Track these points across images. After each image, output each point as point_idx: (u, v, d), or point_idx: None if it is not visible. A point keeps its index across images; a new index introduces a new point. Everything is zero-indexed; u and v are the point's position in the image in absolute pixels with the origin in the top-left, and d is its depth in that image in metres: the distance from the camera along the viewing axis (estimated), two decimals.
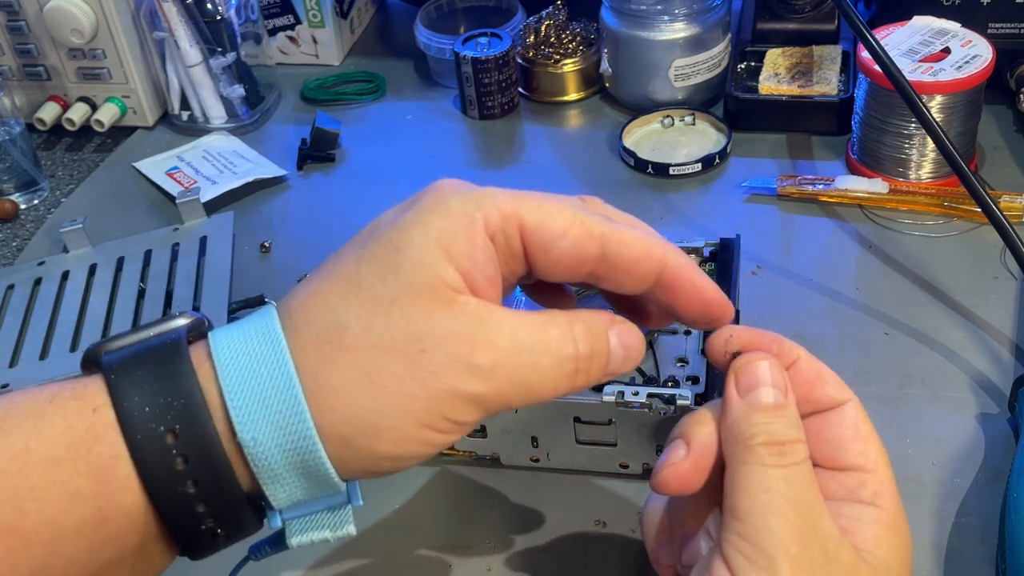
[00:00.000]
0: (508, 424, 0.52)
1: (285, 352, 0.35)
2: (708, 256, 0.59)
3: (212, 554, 0.37)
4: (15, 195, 0.82)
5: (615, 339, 0.38)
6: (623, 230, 0.38)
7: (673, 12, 0.78)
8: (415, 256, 0.35)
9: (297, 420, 0.34)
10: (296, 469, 0.35)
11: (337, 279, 0.36)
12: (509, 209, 0.36)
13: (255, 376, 0.34)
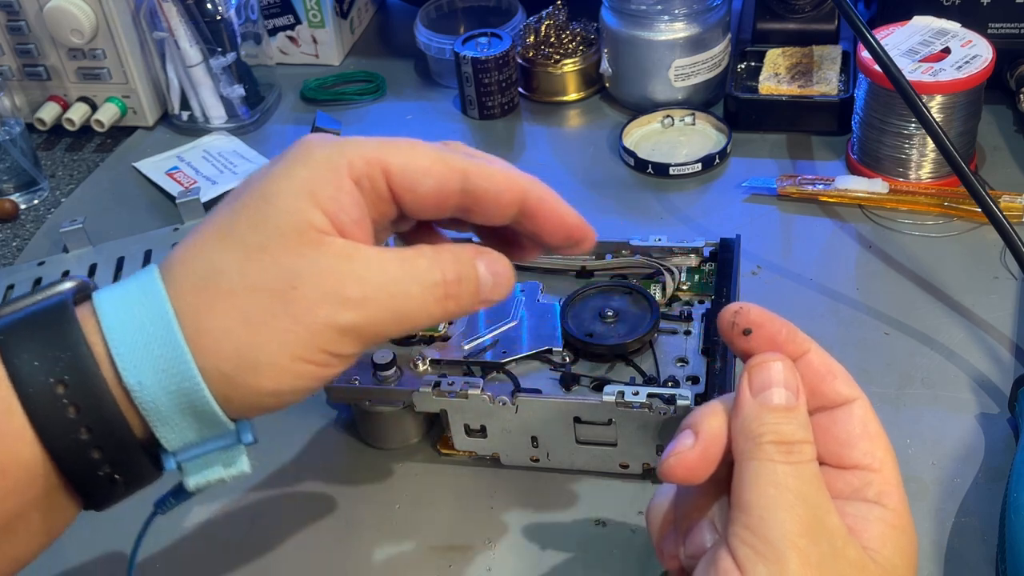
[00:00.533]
0: (508, 424, 0.52)
1: (164, 300, 0.36)
2: (708, 256, 0.59)
3: (114, 503, 0.38)
4: (15, 195, 0.82)
5: (483, 267, 0.40)
6: (484, 164, 0.40)
7: (673, 12, 0.78)
8: (282, 204, 0.37)
9: (179, 362, 0.36)
10: (183, 410, 0.36)
11: (212, 231, 0.38)
12: (372, 155, 0.39)
13: (137, 324, 0.36)
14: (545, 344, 0.54)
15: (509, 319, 0.56)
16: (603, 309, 0.55)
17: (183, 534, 0.54)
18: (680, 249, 0.59)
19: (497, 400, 0.51)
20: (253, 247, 0.37)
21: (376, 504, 0.54)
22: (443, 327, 0.56)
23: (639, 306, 0.55)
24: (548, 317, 0.56)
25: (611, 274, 0.59)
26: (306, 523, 0.54)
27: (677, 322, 0.56)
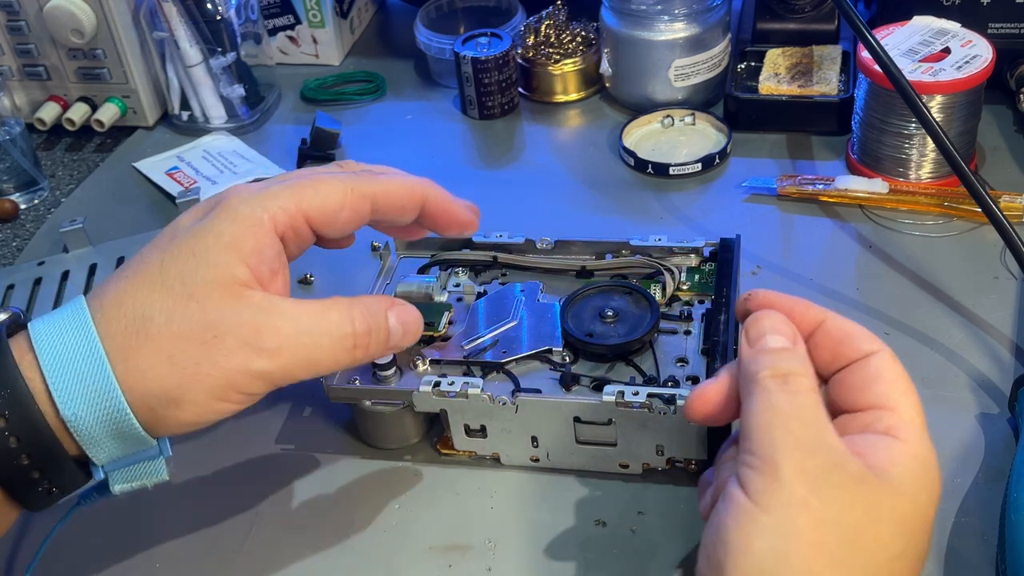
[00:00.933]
0: (508, 424, 0.52)
1: (97, 342, 0.41)
2: (708, 256, 0.59)
3: (50, 507, 0.44)
4: (15, 195, 0.82)
5: (393, 318, 0.46)
6: (386, 182, 0.47)
7: (673, 12, 0.78)
8: (210, 259, 0.42)
9: (111, 397, 0.41)
10: (113, 435, 0.42)
11: (143, 278, 0.43)
12: (292, 206, 0.44)
13: (72, 363, 0.41)
14: (545, 344, 0.54)
15: (509, 319, 0.56)
16: (603, 309, 0.55)
17: (183, 534, 0.54)
18: (680, 249, 0.59)
19: (497, 400, 0.51)
20: (181, 297, 0.42)
21: (376, 504, 0.54)
22: (443, 327, 0.56)
23: (639, 306, 0.55)
24: (548, 317, 0.56)
25: (611, 274, 0.59)
26: (306, 523, 0.54)
27: (677, 322, 0.56)
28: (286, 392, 0.60)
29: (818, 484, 0.35)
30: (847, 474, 0.36)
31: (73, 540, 0.54)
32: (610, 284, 0.57)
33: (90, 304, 0.43)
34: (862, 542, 0.35)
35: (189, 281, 0.42)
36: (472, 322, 0.57)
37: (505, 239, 0.61)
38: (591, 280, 0.59)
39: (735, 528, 0.36)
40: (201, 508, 0.55)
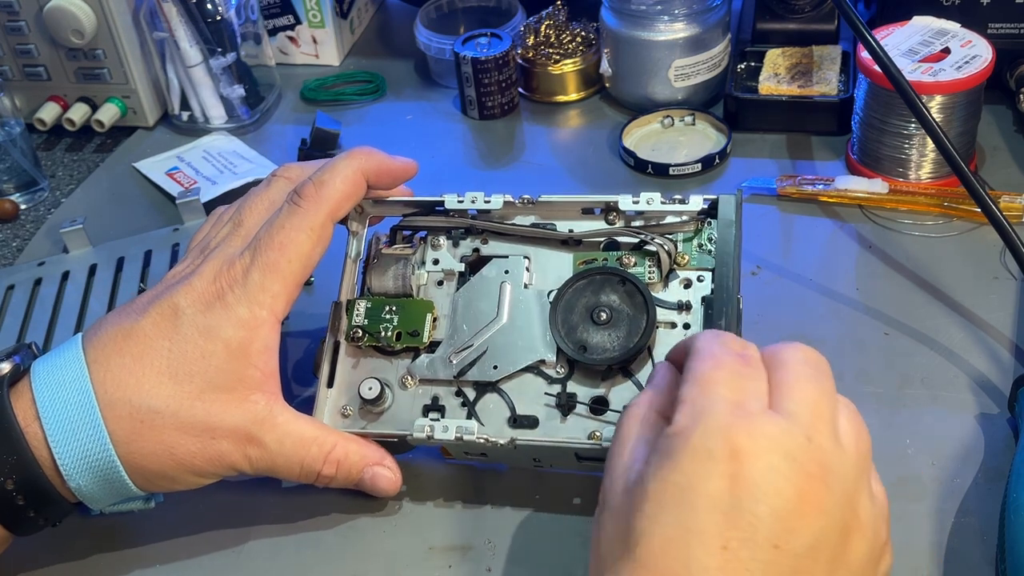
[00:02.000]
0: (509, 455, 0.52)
1: (102, 426, 0.46)
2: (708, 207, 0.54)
3: (40, 531, 0.49)
4: (15, 195, 0.82)
5: (368, 475, 0.52)
6: (332, 188, 0.51)
7: (673, 12, 0.78)
8: (218, 363, 0.48)
9: (114, 474, 0.47)
10: (111, 494, 0.49)
11: (150, 365, 0.48)
12: (283, 288, 0.49)
13: (80, 444, 0.46)
14: (537, 354, 0.52)
15: (496, 317, 0.53)
16: (595, 309, 0.52)
17: (183, 535, 0.54)
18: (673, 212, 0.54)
19: (494, 443, 0.50)
20: (188, 395, 0.48)
21: (376, 504, 0.54)
22: (427, 337, 0.54)
23: (633, 301, 0.52)
24: (537, 311, 0.53)
25: (601, 243, 0.55)
26: (306, 523, 0.54)
27: (675, 313, 0.52)
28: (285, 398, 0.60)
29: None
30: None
31: (73, 539, 0.54)
32: (601, 275, 0.53)
33: (92, 371, 0.47)
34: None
35: (198, 381, 0.48)
36: (458, 321, 0.54)
37: (480, 204, 0.55)
38: (580, 269, 0.54)
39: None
40: (201, 508, 0.55)
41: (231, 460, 0.49)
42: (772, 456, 0.37)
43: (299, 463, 0.50)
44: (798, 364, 0.41)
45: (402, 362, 0.54)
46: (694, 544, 0.36)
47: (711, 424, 0.38)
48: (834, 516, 0.38)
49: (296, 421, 0.50)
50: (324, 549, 0.53)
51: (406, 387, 0.53)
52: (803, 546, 0.36)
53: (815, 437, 0.38)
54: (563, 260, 0.55)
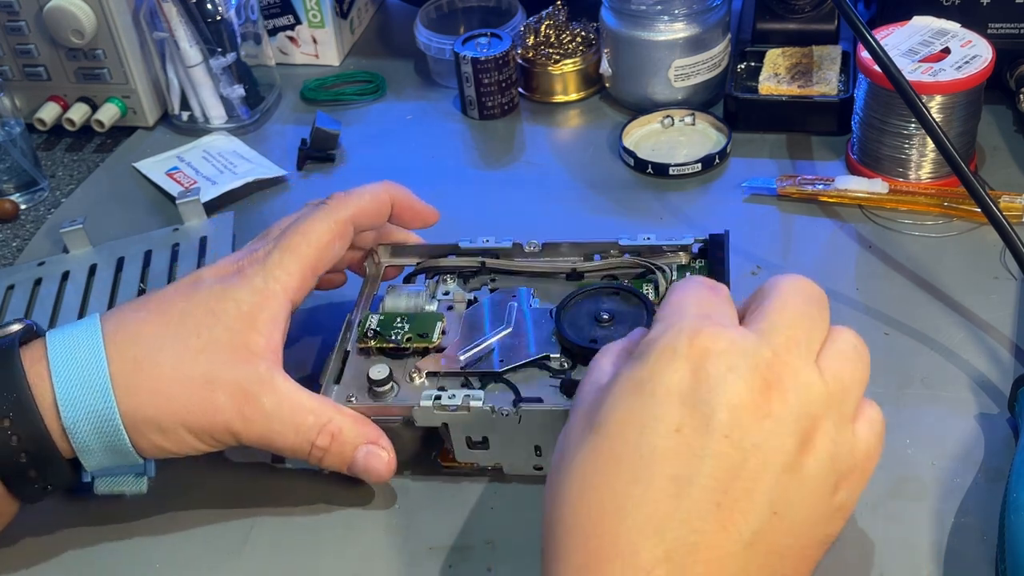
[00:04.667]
0: (511, 434, 0.52)
1: (105, 366, 0.47)
2: (698, 253, 0.58)
3: (42, 499, 0.49)
4: (15, 195, 0.82)
5: (361, 454, 0.51)
6: (357, 197, 0.54)
7: (673, 12, 0.78)
8: (227, 322, 0.49)
9: (109, 417, 0.47)
10: (104, 448, 0.48)
11: (162, 322, 0.49)
12: (297, 268, 0.51)
13: (80, 381, 0.47)
14: (542, 350, 0.54)
15: (503, 326, 0.56)
16: (598, 312, 0.55)
17: (183, 535, 0.54)
18: (669, 247, 0.59)
19: (500, 411, 0.51)
20: (193, 349, 0.48)
21: (376, 504, 0.54)
22: (437, 337, 0.55)
23: (633, 306, 0.55)
24: (543, 323, 0.56)
25: (602, 275, 0.59)
26: (306, 523, 0.54)
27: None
28: None
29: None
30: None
31: (73, 540, 0.54)
32: (602, 286, 0.57)
33: (105, 327, 0.49)
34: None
35: (204, 336, 0.49)
36: (466, 331, 0.56)
37: (492, 243, 0.60)
38: (582, 283, 0.58)
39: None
40: (201, 508, 0.55)
41: (226, 417, 0.48)
42: (733, 358, 0.39)
43: (294, 429, 0.49)
44: (787, 291, 0.43)
45: (410, 360, 0.55)
46: (649, 426, 0.38)
47: (680, 327, 0.40)
48: (788, 426, 0.38)
49: (297, 391, 0.50)
50: (324, 549, 0.53)
51: (412, 380, 0.54)
52: (752, 443, 0.37)
53: (782, 354, 0.40)
54: (567, 290, 0.57)
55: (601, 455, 0.39)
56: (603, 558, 0.36)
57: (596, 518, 0.37)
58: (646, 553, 0.36)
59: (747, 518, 0.37)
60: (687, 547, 0.36)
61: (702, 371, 0.39)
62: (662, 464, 0.37)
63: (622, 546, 0.36)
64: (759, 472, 0.37)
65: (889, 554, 0.49)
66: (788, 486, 0.38)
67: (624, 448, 0.38)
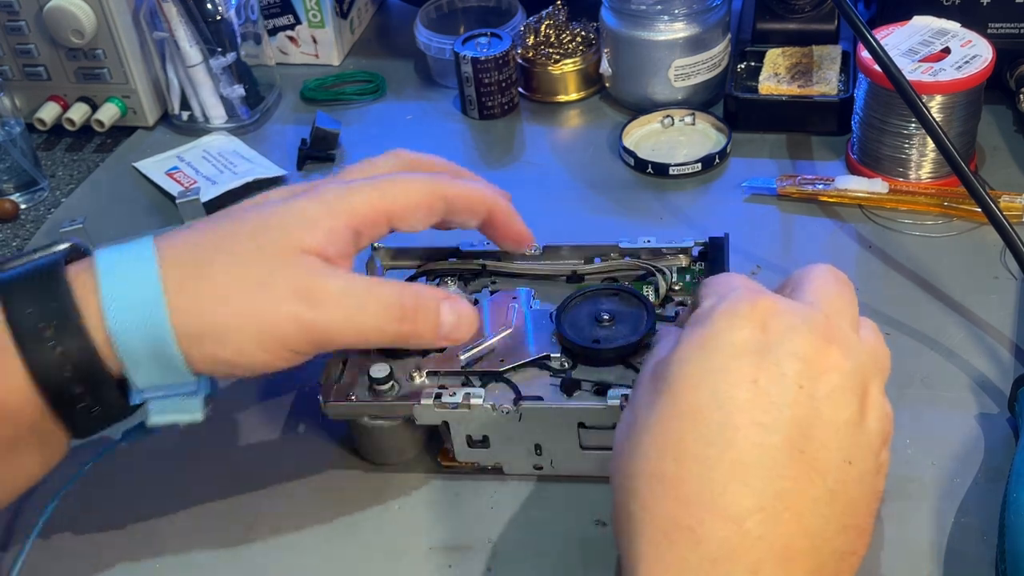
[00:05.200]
0: (511, 433, 0.52)
1: (155, 269, 0.43)
2: (698, 256, 0.59)
3: (95, 433, 0.45)
4: (15, 195, 0.82)
5: (446, 308, 0.47)
6: (463, 186, 0.50)
7: (673, 12, 0.78)
8: (286, 227, 0.45)
9: (157, 320, 0.43)
10: (152, 359, 0.43)
11: (219, 229, 0.46)
12: (378, 204, 0.47)
13: (128, 285, 0.43)
14: (543, 350, 0.54)
15: (504, 327, 0.56)
16: (598, 313, 0.55)
17: (183, 534, 0.54)
18: (669, 250, 0.59)
19: (500, 409, 0.51)
20: (249, 249, 0.44)
21: (376, 504, 0.54)
22: None
23: (633, 307, 0.55)
24: (543, 324, 0.56)
25: (602, 277, 0.59)
26: (306, 523, 0.54)
27: (672, 323, 0.55)
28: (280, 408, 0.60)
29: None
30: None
31: (74, 539, 0.54)
32: (603, 288, 0.57)
33: (157, 241, 0.45)
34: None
35: (260, 239, 0.45)
36: None
37: (493, 246, 0.59)
38: (582, 285, 0.59)
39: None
40: (201, 508, 0.55)
41: (290, 311, 0.43)
42: (793, 318, 0.40)
43: (374, 299, 0.45)
44: (822, 275, 0.45)
45: (411, 360, 0.55)
46: (724, 380, 0.38)
47: (738, 295, 0.41)
48: (851, 380, 0.39)
49: (359, 274, 0.46)
50: (324, 549, 0.53)
51: (413, 380, 0.54)
52: (823, 394, 0.38)
53: (833, 318, 0.41)
54: (567, 292, 0.57)
55: (678, 411, 0.39)
56: (694, 505, 0.37)
57: (684, 469, 0.37)
58: (737, 502, 0.36)
59: (827, 466, 0.38)
60: (775, 495, 0.36)
61: (766, 329, 0.40)
62: (742, 414, 0.38)
63: (715, 494, 0.37)
64: (832, 422, 0.38)
65: (889, 554, 0.49)
66: (855, 439, 0.39)
67: (702, 401, 0.38)
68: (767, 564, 0.36)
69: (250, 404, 0.61)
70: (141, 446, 0.52)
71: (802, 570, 0.36)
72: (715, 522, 0.36)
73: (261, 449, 0.58)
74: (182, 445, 0.58)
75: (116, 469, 0.57)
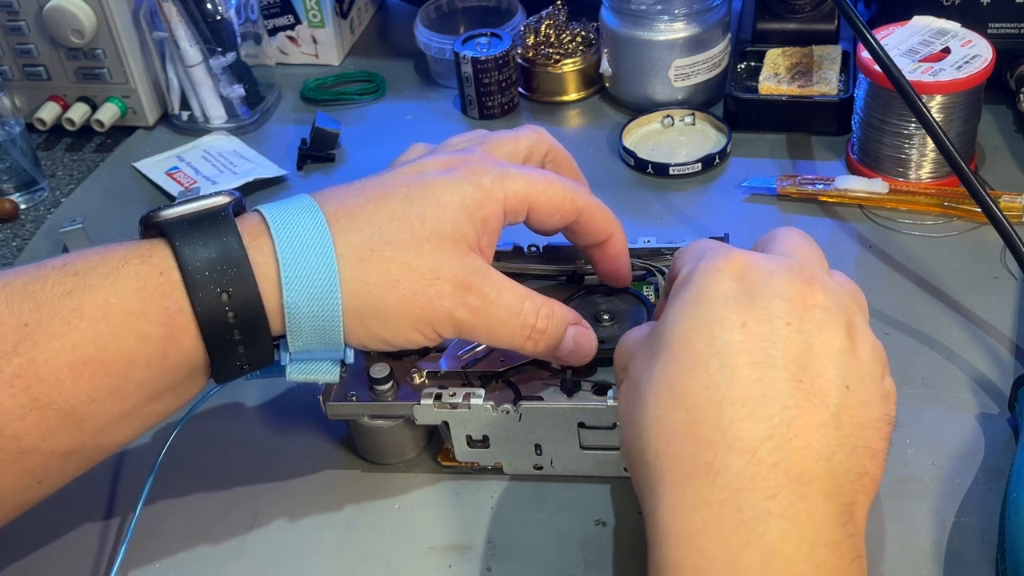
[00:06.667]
0: (511, 433, 0.52)
1: (331, 244, 0.45)
2: None
3: (231, 380, 0.48)
4: (15, 195, 0.82)
5: (571, 334, 0.51)
6: (597, 205, 0.52)
7: (673, 12, 0.78)
8: (450, 213, 0.47)
9: (330, 298, 0.45)
10: (315, 330, 0.46)
11: (385, 204, 0.47)
12: (524, 192, 0.49)
13: (306, 258, 0.45)
14: None
15: None
16: (599, 313, 0.55)
17: (183, 533, 0.54)
18: (668, 250, 0.59)
19: (500, 409, 0.51)
20: (418, 236, 0.47)
21: (376, 504, 0.54)
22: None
23: (633, 307, 0.55)
24: None
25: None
26: (306, 523, 0.54)
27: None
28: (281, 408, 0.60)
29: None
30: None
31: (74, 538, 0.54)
32: (603, 288, 0.57)
33: (324, 208, 0.47)
34: None
35: (429, 225, 0.47)
36: None
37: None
38: (582, 285, 0.58)
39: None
40: (201, 508, 0.55)
41: (450, 305, 0.47)
42: (771, 265, 0.42)
43: (515, 314, 0.49)
44: (787, 233, 0.46)
45: (411, 360, 0.55)
46: (716, 327, 0.40)
47: (714, 253, 0.43)
48: (835, 316, 0.41)
49: (510, 282, 0.49)
50: (324, 549, 0.53)
51: (413, 380, 0.54)
52: (811, 328, 0.40)
53: (807, 264, 0.43)
54: (568, 292, 0.57)
55: (678, 364, 0.40)
56: (707, 442, 0.38)
57: (692, 413, 0.39)
58: (747, 434, 0.38)
59: (827, 391, 0.39)
60: (783, 423, 0.38)
61: (747, 277, 0.41)
62: (739, 355, 0.39)
63: (724, 430, 0.38)
64: (824, 353, 0.40)
65: (889, 554, 0.49)
66: (850, 366, 0.40)
67: (699, 349, 0.40)
68: (784, 489, 0.37)
69: (250, 404, 0.61)
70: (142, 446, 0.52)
71: (818, 492, 0.37)
72: (729, 455, 0.37)
73: (261, 449, 0.58)
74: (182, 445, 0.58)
75: (116, 469, 0.57)
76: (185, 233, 0.44)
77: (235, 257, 0.44)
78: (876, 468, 0.40)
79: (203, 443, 0.58)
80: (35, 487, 0.45)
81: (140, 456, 0.57)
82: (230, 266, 0.44)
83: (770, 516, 0.36)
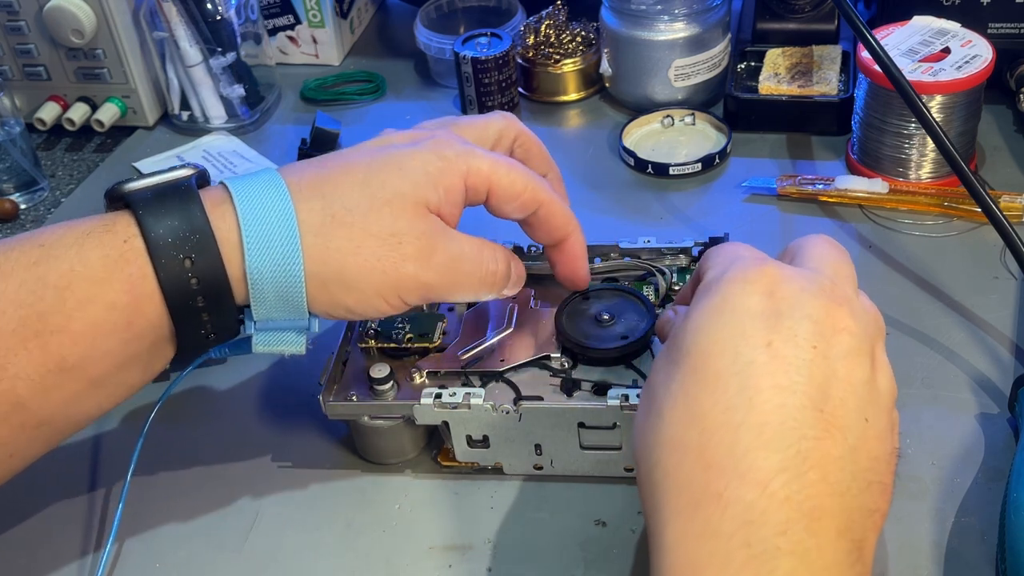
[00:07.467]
0: (511, 433, 0.52)
1: (292, 210, 0.46)
2: (697, 256, 0.59)
3: (196, 355, 0.49)
4: (15, 195, 0.82)
5: (514, 267, 0.52)
6: (557, 203, 0.52)
7: (673, 12, 0.78)
8: (412, 177, 0.47)
9: (292, 265, 0.45)
10: (278, 297, 0.46)
11: (348, 174, 0.48)
12: (487, 170, 0.49)
13: (267, 225, 0.45)
14: (543, 350, 0.54)
15: (504, 327, 0.56)
16: (599, 313, 0.55)
17: (183, 533, 0.54)
18: (669, 250, 0.59)
19: (500, 409, 0.51)
20: (380, 201, 0.47)
21: (376, 504, 0.54)
22: (438, 338, 0.55)
23: (634, 307, 0.55)
24: (543, 323, 0.56)
25: (602, 278, 0.59)
26: (306, 523, 0.54)
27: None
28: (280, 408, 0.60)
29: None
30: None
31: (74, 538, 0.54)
32: (603, 288, 0.57)
33: (287, 178, 0.47)
34: None
35: (390, 189, 0.47)
36: (467, 331, 0.56)
37: None
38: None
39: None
40: (201, 508, 0.55)
41: (414, 269, 0.47)
42: (801, 281, 0.41)
43: (479, 261, 0.49)
44: (819, 243, 0.45)
45: (411, 360, 0.55)
46: (740, 344, 0.39)
47: (744, 262, 0.42)
48: (861, 342, 0.40)
49: (468, 236, 0.50)
50: (324, 548, 0.53)
51: (413, 380, 0.54)
52: (836, 354, 0.39)
53: (838, 283, 0.42)
54: (567, 292, 0.57)
55: (698, 379, 0.39)
56: (718, 470, 0.37)
57: (706, 436, 0.38)
58: (761, 464, 0.37)
59: (847, 423, 0.38)
60: (799, 454, 0.37)
61: (776, 293, 0.40)
62: (761, 376, 0.38)
63: (738, 458, 0.37)
64: (848, 380, 0.39)
65: (889, 554, 0.49)
66: (870, 397, 0.40)
67: (721, 366, 0.39)
68: (795, 524, 0.36)
69: (250, 404, 0.61)
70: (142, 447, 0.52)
71: (830, 529, 0.36)
72: (741, 486, 0.36)
73: (261, 449, 0.58)
74: (182, 444, 0.58)
75: (115, 468, 0.57)
76: (149, 203, 0.45)
77: (197, 224, 0.44)
78: (886, 504, 0.39)
79: (203, 443, 0.58)
80: (6, 460, 0.45)
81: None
82: (192, 232, 0.44)
83: (779, 552, 0.35)
